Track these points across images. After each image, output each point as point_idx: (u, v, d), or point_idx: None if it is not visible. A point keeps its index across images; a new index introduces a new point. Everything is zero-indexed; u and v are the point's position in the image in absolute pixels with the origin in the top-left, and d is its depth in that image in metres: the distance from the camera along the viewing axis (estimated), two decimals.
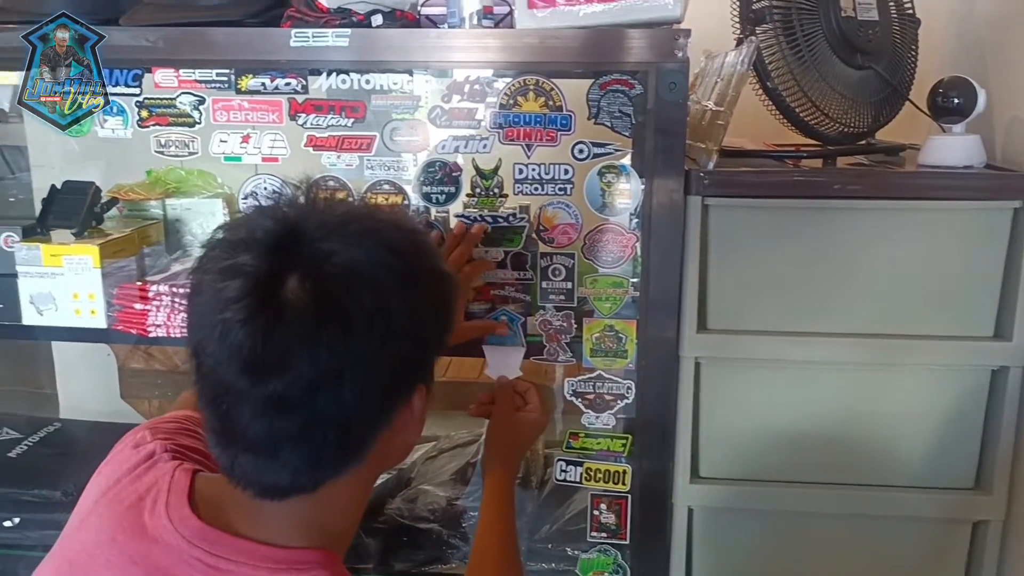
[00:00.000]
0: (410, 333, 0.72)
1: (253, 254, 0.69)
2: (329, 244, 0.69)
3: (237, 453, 0.72)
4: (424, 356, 0.78)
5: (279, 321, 0.66)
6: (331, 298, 0.67)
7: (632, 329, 1.26)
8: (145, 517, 0.77)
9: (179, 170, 1.54)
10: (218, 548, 0.74)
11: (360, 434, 0.73)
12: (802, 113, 1.30)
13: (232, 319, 0.67)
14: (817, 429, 1.29)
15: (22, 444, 1.61)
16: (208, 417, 0.73)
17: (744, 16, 1.30)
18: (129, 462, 0.85)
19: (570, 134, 1.19)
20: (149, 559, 0.74)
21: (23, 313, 1.36)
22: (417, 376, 0.77)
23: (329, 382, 0.68)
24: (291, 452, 0.70)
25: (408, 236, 0.77)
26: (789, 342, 1.25)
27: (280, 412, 0.68)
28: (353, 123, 1.23)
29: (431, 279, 0.77)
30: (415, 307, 0.72)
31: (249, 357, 0.66)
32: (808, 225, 1.23)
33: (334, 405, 0.69)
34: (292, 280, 0.67)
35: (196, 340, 0.71)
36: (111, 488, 0.83)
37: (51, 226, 1.38)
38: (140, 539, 0.76)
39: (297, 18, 1.17)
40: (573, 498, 1.45)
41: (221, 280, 0.69)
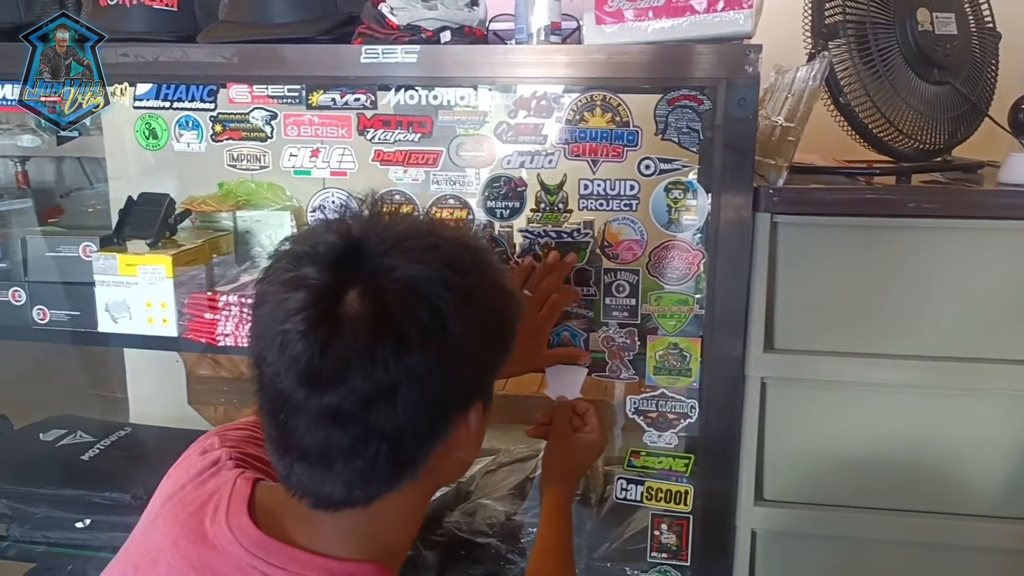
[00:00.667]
0: (467, 350, 0.72)
1: (316, 267, 0.70)
2: (389, 259, 0.70)
3: (293, 463, 0.73)
4: (481, 374, 0.78)
5: (337, 334, 0.67)
6: (388, 313, 0.68)
7: (696, 347, 1.24)
8: (206, 524, 0.78)
9: (250, 183, 1.58)
10: (275, 558, 0.75)
11: (413, 450, 0.73)
12: (875, 129, 1.27)
13: (292, 330, 0.68)
14: (886, 453, 1.25)
15: (94, 447, 1.66)
16: (267, 426, 0.74)
17: (816, 31, 1.28)
18: (195, 468, 0.86)
19: (636, 150, 1.19)
20: (208, 565, 0.76)
21: (99, 320, 1.40)
22: (473, 393, 0.77)
23: (384, 397, 0.68)
24: (345, 465, 0.71)
25: (469, 253, 0.76)
26: (859, 363, 1.22)
27: (335, 424, 0.69)
28: (420, 138, 1.24)
29: (491, 297, 0.76)
30: (473, 325, 0.72)
31: (306, 369, 0.67)
32: (881, 244, 1.20)
33: (388, 420, 0.69)
34: (352, 294, 0.68)
35: (258, 350, 0.72)
36: (176, 493, 0.84)
37: (127, 236, 1.43)
38: (200, 545, 0.77)
39: (368, 35, 1.18)
40: (633, 517, 1.44)
41: (284, 291, 0.70)
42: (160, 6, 1.26)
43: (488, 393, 0.80)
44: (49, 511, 1.56)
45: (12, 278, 1.48)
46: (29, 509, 1.57)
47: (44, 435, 1.70)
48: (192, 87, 1.28)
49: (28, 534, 1.57)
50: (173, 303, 1.38)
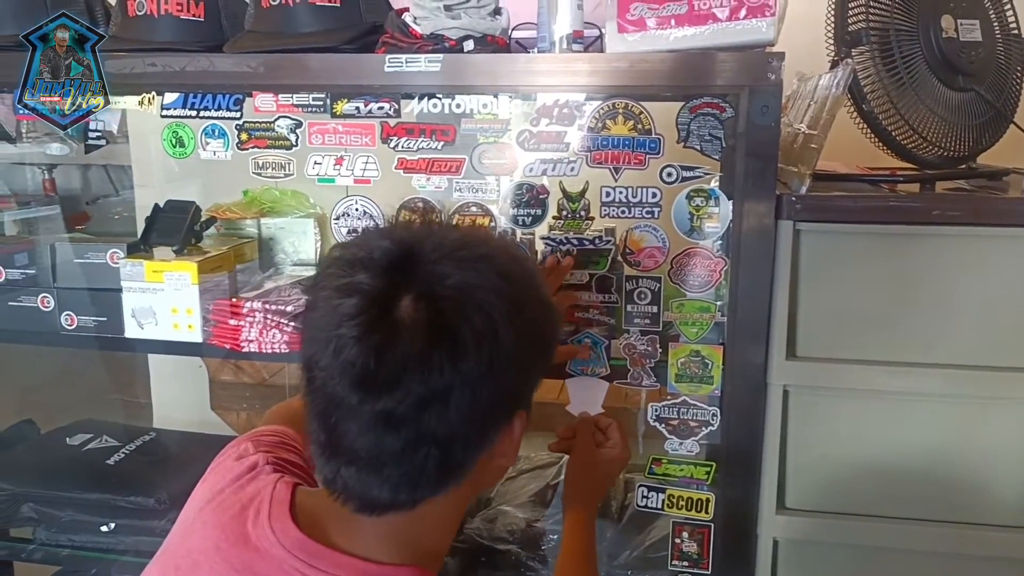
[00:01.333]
0: (516, 358, 0.73)
1: (370, 273, 0.71)
2: (443, 267, 0.71)
3: (341, 466, 0.73)
4: (526, 382, 0.79)
5: (392, 340, 0.68)
6: (444, 319, 0.69)
7: (718, 355, 1.24)
8: (248, 527, 0.79)
9: (274, 190, 1.59)
10: (317, 560, 0.76)
11: (461, 455, 0.74)
12: (899, 136, 1.27)
13: (346, 335, 0.68)
14: (910, 462, 1.24)
15: (120, 452, 1.67)
16: (315, 429, 0.75)
17: (839, 38, 1.28)
18: (232, 472, 0.88)
19: (658, 157, 1.19)
20: (251, 568, 0.77)
21: (126, 326, 1.42)
22: (519, 401, 0.78)
23: (437, 402, 0.69)
24: (394, 468, 0.72)
25: (519, 264, 0.78)
26: (883, 372, 1.21)
27: (387, 428, 0.70)
28: (443, 146, 1.25)
29: (537, 307, 0.78)
30: (522, 333, 0.73)
31: (361, 373, 0.68)
32: (905, 252, 1.19)
33: (440, 425, 0.70)
34: (406, 300, 0.69)
35: (309, 354, 0.73)
36: (215, 497, 0.85)
37: (154, 243, 1.45)
38: (243, 548, 0.78)
39: (392, 44, 1.20)
40: (654, 525, 1.43)
41: (337, 297, 0.71)
42: (187, 16, 1.28)
43: (530, 401, 0.81)
44: (75, 515, 1.57)
45: (41, 284, 1.50)
46: (55, 513, 1.58)
47: (70, 439, 1.72)
48: (218, 96, 1.30)
49: (54, 537, 1.59)
50: (198, 309, 1.39)
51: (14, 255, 1.53)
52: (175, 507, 1.51)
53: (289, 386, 2.14)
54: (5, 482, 1.60)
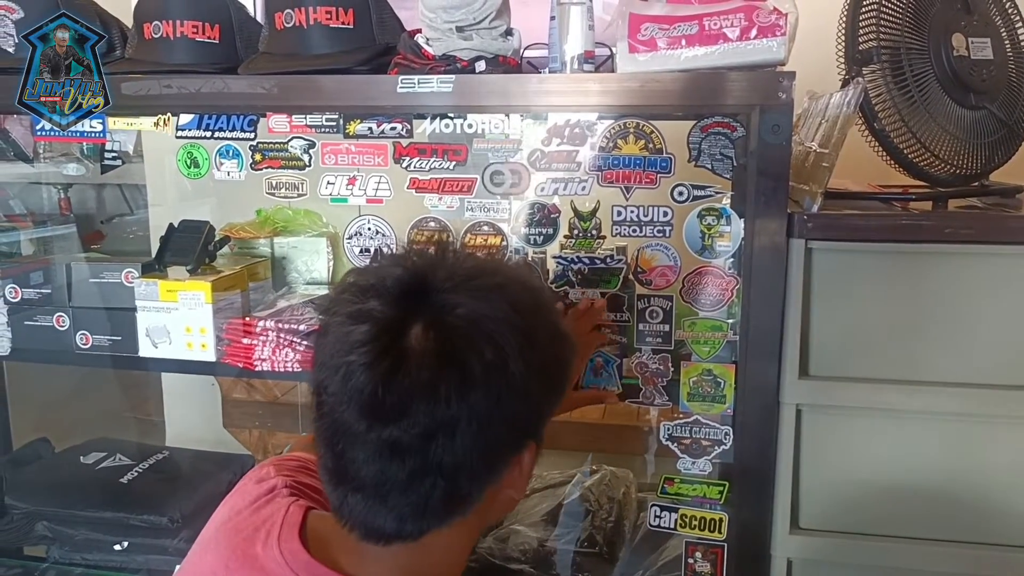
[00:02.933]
0: (526, 390, 0.72)
1: (381, 300, 0.71)
2: (455, 296, 0.71)
3: (347, 493, 0.73)
4: (536, 413, 0.77)
5: (401, 368, 0.68)
6: (453, 349, 0.69)
7: (731, 374, 1.24)
8: (258, 548, 0.79)
9: (287, 210, 1.61)
10: None
11: (468, 487, 0.73)
12: (911, 154, 1.27)
13: (356, 362, 0.68)
14: (925, 482, 1.23)
15: (133, 470, 1.68)
16: (323, 455, 0.75)
17: (850, 57, 1.28)
18: (251, 495, 0.88)
19: (669, 176, 1.19)
20: None
21: (140, 345, 1.43)
22: (529, 433, 0.77)
23: (443, 432, 0.69)
24: (399, 498, 0.71)
25: (532, 294, 0.77)
26: (896, 390, 1.20)
27: (393, 457, 0.69)
28: (455, 166, 1.26)
29: (549, 339, 0.77)
30: (533, 365, 0.72)
31: (369, 401, 0.68)
32: (917, 270, 1.19)
33: (446, 455, 0.69)
34: (416, 328, 0.69)
35: (319, 380, 0.73)
36: (233, 518, 0.86)
37: (168, 263, 1.46)
38: (250, 568, 0.78)
39: (404, 65, 1.21)
40: (667, 544, 1.43)
41: (349, 323, 0.71)
42: (203, 39, 1.30)
43: (541, 434, 0.80)
44: (88, 533, 1.58)
45: (56, 303, 1.51)
46: (69, 531, 1.59)
47: (84, 458, 1.73)
48: (233, 117, 1.31)
49: (68, 556, 1.60)
50: (212, 328, 1.40)
51: (30, 274, 1.54)
52: (188, 526, 1.52)
53: (301, 404, 2.14)
54: (20, 500, 1.62)
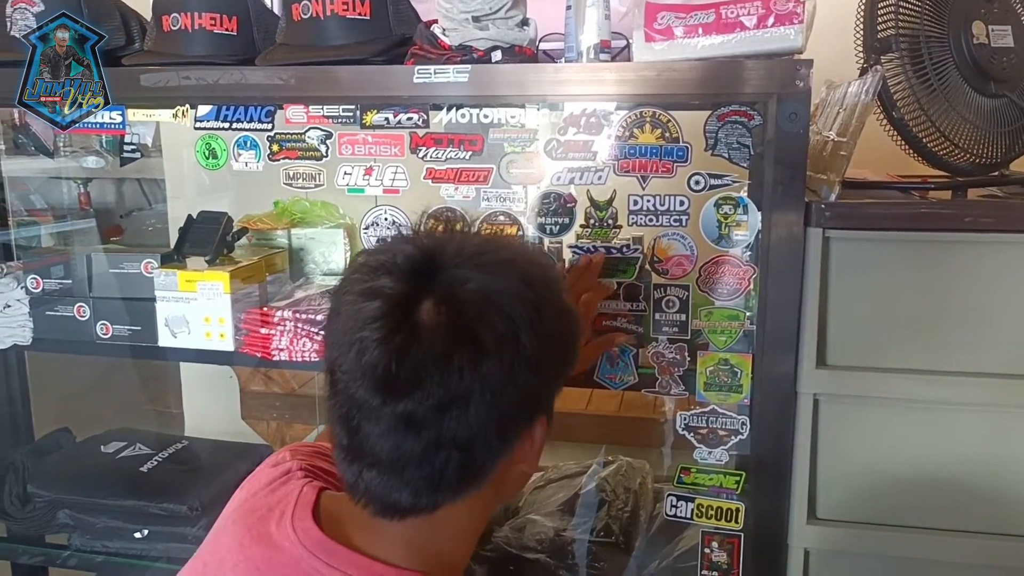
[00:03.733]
0: (537, 362, 0.73)
1: (392, 277, 0.72)
2: (465, 271, 0.72)
3: (363, 469, 0.74)
4: (547, 387, 0.79)
5: (414, 342, 0.69)
6: (465, 322, 0.70)
7: (747, 363, 1.23)
8: (272, 527, 0.80)
9: (304, 201, 1.61)
10: (335, 560, 0.76)
11: (482, 459, 0.74)
12: (930, 143, 1.26)
13: (369, 338, 0.69)
14: (944, 472, 1.23)
15: (153, 459, 1.69)
16: (338, 432, 0.75)
17: (868, 45, 1.27)
18: (267, 477, 0.89)
19: (686, 165, 1.19)
20: (271, 565, 0.78)
21: (159, 335, 1.44)
22: (540, 406, 0.78)
23: (457, 404, 0.70)
24: (415, 471, 0.72)
25: (540, 269, 0.78)
26: (915, 380, 1.20)
27: (408, 430, 0.70)
28: (471, 156, 1.26)
29: (558, 312, 0.78)
30: (543, 337, 0.73)
31: (383, 375, 0.69)
32: (936, 259, 1.18)
33: (460, 428, 0.70)
34: (427, 304, 0.70)
35: (332, 358, 0.74)
36: (247, 500, 0.87)
37: (187, 253, 1.47)
38: (265, 546, 0.79)
39: (420, 55, 1.21)
40: (683, 534, 1.43)
41: (360, 301, 0.72)
42: (221, 31, 1.31)
43: (551, 407, 0.81)
44: (109, 521, 1.60)
45: (77, 294, 1.52)
46: (90, 519, 1.61)
47: (105, 447, 1.75)
48: (251, 108, 1.32)
49: (89, 544, 1.62)
50: (230, 318, 1.41)
51: (51, 267, 1.56)
52: (207, 514, 1.53)
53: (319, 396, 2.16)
54: (42, 489, 1.63)
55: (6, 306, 1.52)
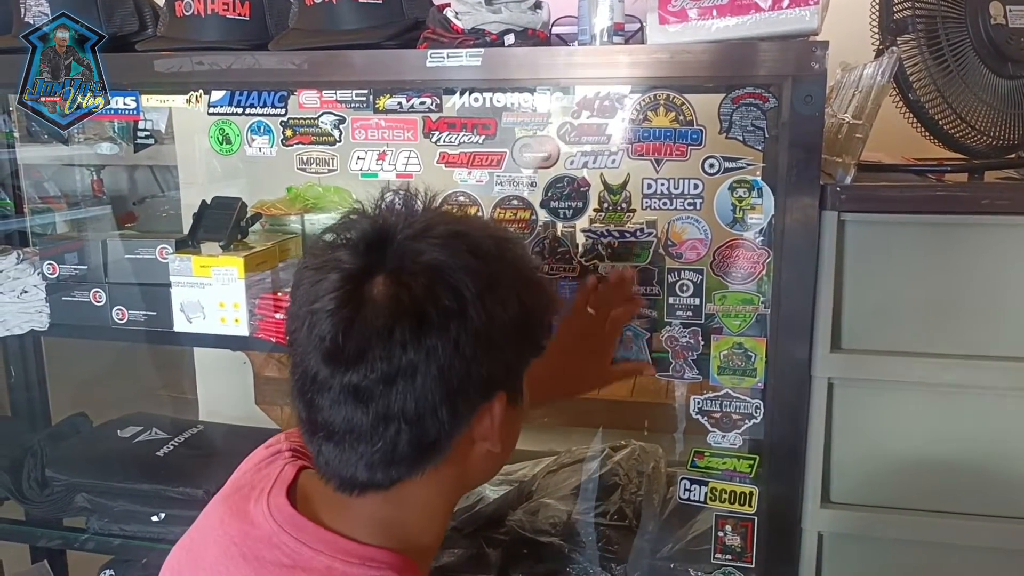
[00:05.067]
0: (488, 337, 0.73)
1: (347, 252, 0.74)
2: (416, 245, 0.73)
3: (321, 443, 0.76)
4: (504, 363, 0.78)
5: (359, 314, 0.70)
6: (411, 296, 0.71)
7: (761, 347, 1.23)
8: (251, 504, 0.82)
9: (317, 187, 1.62)
10: (303, 535, 0.78)
11: (434, 434, 0.74)
12: (946, 126, 1.25)
13: (320, 310, 0.71)
14: (960, 456, 1.22)
15: (169, 444, 1.71)
16: (297, 406, 0.77)
17: (884, 26, 1.26)
18: (257, 458, 0.92)
19: (700, 148, 1.18)
20: (246, 540, 0.79)
21: (174, 320, 1.45)
22: (496, 383, 0.77)
23: (403, 377, 0.70)
24: (367, 445, 0.73)
25: (495, 243, 0.78)
26: (930, 364, 1.19)
27: (357, 403, 0.71)
28: (484, 140, 1.26)
29: (517, 287, 0.77)
30: (494, 312, 0.73)
31: (331, 347, 0.70)
32: (953, 242, 1.17)
33: (408, 400, 0.71)
34: (379, 278, 0.72)
35: (290, 330, 0.77)
36: (236, 480, 0.90)
37: (201, 239, 1.48)
38: (241, 521, 0.81)
39: (433, 39, 1.21)
40: (697, 518, 1.43)
41: (317, 275, 0.74)
42: (233, 16, 1.30)
43: (514, 385, 0.81)
44: (126, 505, 1.61)
45: (92, 280, 1.53)
46: (107, 503, 1.62)
47: (121, 432, 1.76)
48: (264, 93, 1.32)
49: (106, 527, 1.63)
50: (245, 303, 1.42)
51: (66, 253, 1.57)
52: None
53: None
54: (60, 473, 1.65)
55: (23, 292, 1.54)
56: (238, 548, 0.79)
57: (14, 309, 1.54)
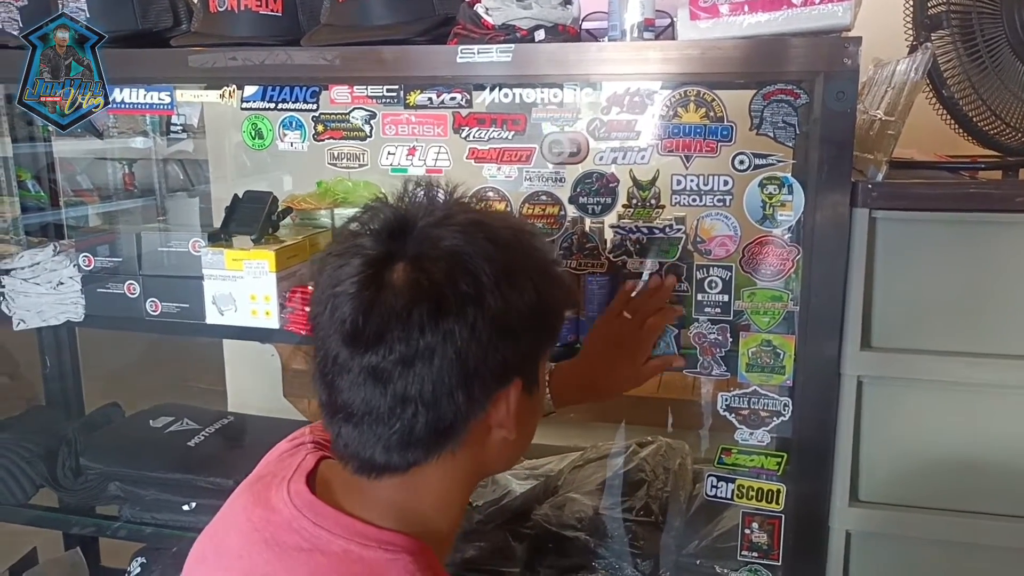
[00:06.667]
0: (505, 324, 0.75)
1: (370, 239, 0.77)
2: (436, 232, 0.76)
3: (340, 425, 0.78)
4: (520, 351, 0.79)
5: (379, 297, 0.73)
6: (430, 280, 0.73)
7: (790, 345, 1.23)
8: (272, 491, 0.84)
9: (347, 181, 1.63)
10: (321, 519, 0.79)
11: (450, 418, 0.76)
12: (980, 122, 1.24)
13: (342, 292, 0.74)
14: (990, 456, 1.21)
15: (200, 435, 1.74)
16: (318, 389, 0.79)
17: (918, 22, 1.25)
18: (280, 449, 0.94)
19: (730, 145, 1.18)
20: (267, 526, 0.81)
21: (207, 312, 1.47)
22: (512, 370, 0.79)
23: (420, 360, 0.72)
24: (385, 427, 0.75)
25: (514, 233, 0.80)
26: (962, 363, 1.18)
27: (375, 384, 0.74)
28: (513, 136, 1.27)
29: (534, 278, 0.79)
30: (512, 300, 0.75)
31: (351, 329, 0.73)
32: (986, 240, 1.16)
33: (426, 383, 0.73)
34: (400, 264, 0.74)
35: (313, 315, 0.79)
36: (259, 470, 0.92)
37: (233, 232, 1.49)
38: (263, 508, 0.83)
39: (463, 35, 1.21)
40: (723, 515, 1.43)
41: (340, 260, 0.76)
42: (266, 12, 1.32)
43: (530, 373, 0.82)
44: (158, 494, 1.64)
45: (127, 272, 1.56)
46: (140, 492, 1.65)
47: (153, 422, 1.79)
48: (296, 88, 1.34)
49: (138, 515, 1.66)
50: (276, 296, 1.43)
51: (99, 246, 1.59)
52: None
53: None
54: (94, 461, 1.68)
55: (59, 284, 1.56)
56: (260, 534, 0.81)
57: (50, 300, 1.57)
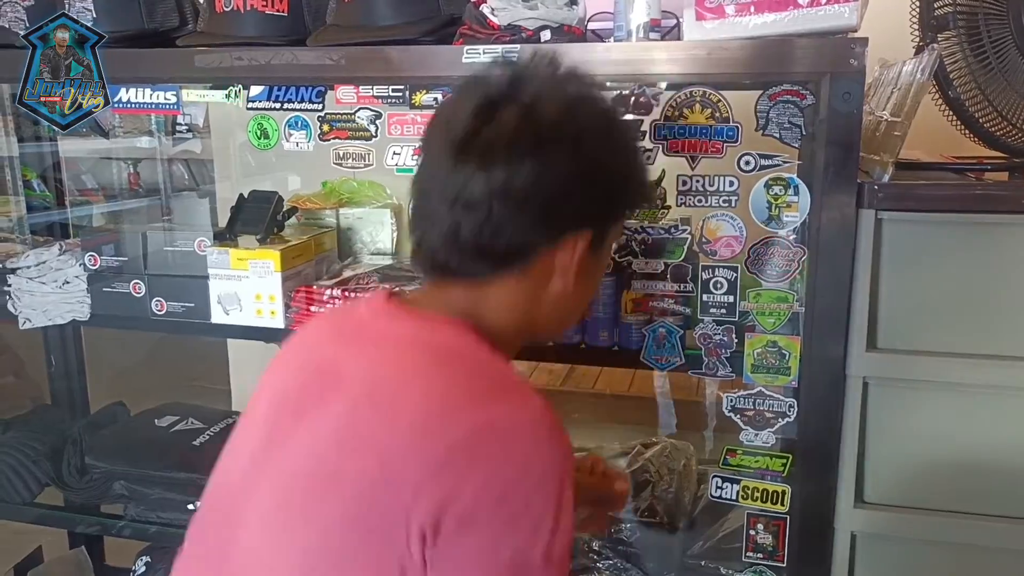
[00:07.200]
0: (594, 175, 0.82)
1: (495, 80, 0.83)
2: (553, 86, 0.83)
3: (426, 229, 0.84)
4: (596, 205, 0.85)
5: (490, 120, 0.79)
6: (536, 117, 0.79)
7: (796, 346, 1.22)
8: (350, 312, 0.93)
9: (352, 181, 1.63)
10: (394, 316, 0.85)
11: (522, 238, 0.81)
12: (986, 123, 1.24)
13: (460, 112, 0.81)
14: (996, 458, 1.21)
15: (204, 434, 1.73)
16: (413, 199, 0.86)
17: (925, 22, 1.25)
18: None
19: (736, 145, 1.18)
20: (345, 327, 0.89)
21: (212, 312, 1.48)
22: (586, 219, 0.84)
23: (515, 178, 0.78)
24: (466, 237, 0.80)
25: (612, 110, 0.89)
26: (967, 364, 1.18)
27: (465, 191, 0.79)
28: None
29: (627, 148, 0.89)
30: (605, 157, 0.83)
31: (461, 139, 0.79)
32: (992, 242, 1.16)
33: (509, 199, 0.79)
34: (515, 104, 0.80)
35: (425, 140, 0.86)
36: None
37: (238, 232, 1.49)
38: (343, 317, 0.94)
39: (469, 35, 1.21)
40: (728, 516, 1.43)
41: (460, 95, 0.85)
42: (272, 12, 1.32)
43: (601, 236, 0.86)
44: (163, 493, 1.64)
45: (132, 271, 1.56)
46: (145, 490, 1.65)
47: (159, 421, 1.79)
48: (301, 88, 1.34)
49: (143, 514, 1.66)
50: (281, 296, 1.44)
51: (105, 245, 1.59)
52: None
53: None
54: (99, 460, 1.68)
55: (65, 282, 1.57)
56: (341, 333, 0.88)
57: (56, 299, 1.57)
